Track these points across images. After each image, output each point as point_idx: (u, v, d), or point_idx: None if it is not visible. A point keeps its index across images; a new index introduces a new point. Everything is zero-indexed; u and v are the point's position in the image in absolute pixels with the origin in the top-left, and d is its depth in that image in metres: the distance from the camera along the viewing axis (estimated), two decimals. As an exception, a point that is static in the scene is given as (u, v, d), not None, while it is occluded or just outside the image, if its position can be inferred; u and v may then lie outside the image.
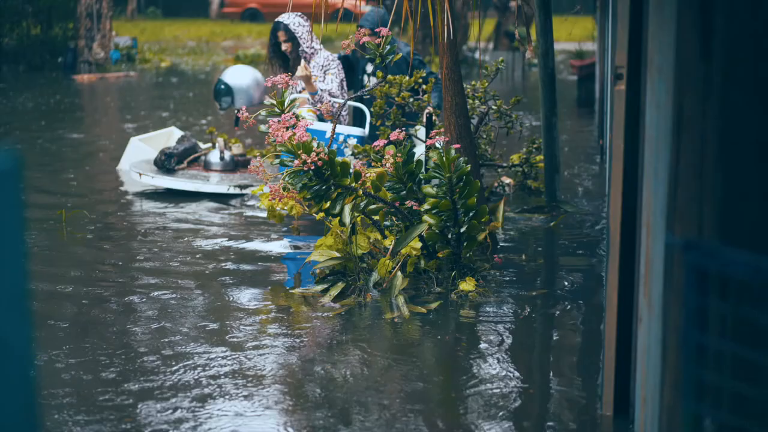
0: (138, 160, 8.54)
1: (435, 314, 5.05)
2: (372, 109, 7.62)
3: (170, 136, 9.27)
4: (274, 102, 5.51)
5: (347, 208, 5.21)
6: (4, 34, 18.76)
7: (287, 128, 5.17)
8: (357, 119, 8.26)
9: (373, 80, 8.17)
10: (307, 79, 7.49)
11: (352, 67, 8.22)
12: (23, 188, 1.56)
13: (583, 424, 3.83)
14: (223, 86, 8.29)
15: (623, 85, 3.63)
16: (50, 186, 8.44)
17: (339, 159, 5.24)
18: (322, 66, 7.76)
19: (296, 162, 5.07)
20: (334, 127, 6.11)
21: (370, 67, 8.22)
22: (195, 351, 4.62)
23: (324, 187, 5.16)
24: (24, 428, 1.58)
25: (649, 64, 3.23)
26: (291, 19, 7.74)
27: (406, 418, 3.83)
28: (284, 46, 7.80)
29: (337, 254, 5.38)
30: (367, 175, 5.37)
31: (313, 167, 5.08)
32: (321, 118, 7.62)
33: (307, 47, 7.75)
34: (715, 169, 2.80)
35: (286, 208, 5.65)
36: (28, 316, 1.59)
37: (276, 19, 7.88)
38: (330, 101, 7.55)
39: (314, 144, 5.14)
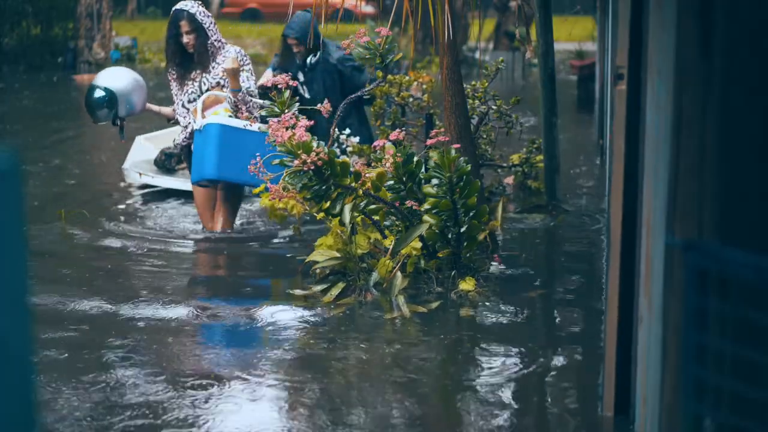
0: (140, 159, 8.53)
1: (435, 314, 5.05)
2: (372, 109, 7.62)
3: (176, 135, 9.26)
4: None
5: (347, 208, 5.21)
6: (4, 34, 18.76)
7: (287, 128, 5.16)
8: (354, 123, 7.65)
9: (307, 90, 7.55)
10: (235, 73, 6.49)
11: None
12: (23, 188, 1.56)
13: (584, 424, 3.83)
14: (101, 93, 6.63)
15: (624, 85, 3.63)
16: (50, 186, 8.44)
17: (338, 159, 5.24)
18: (234, 59, 6.63)
19: (296, 162, 5.07)
20: (334, 128, 6.11)
21: (302, 76, 7.57)
22: (193, 350, 4.62)
23: (324, 187, 5.16)
24: (24, 428, 1.58)
25: (650, 64, 3.23)
26: (196, 8, 6.64)
27: (407, 418, 3.83)
28: (186, 38, 6.61)
29: (337, 254, 5.38)
30: (367, 175, 5.37)
31: (312, 167, 5.08)
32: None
33: (217, 39, 6.67)
34: (715, 169, 2.80)
35: (287, 207, 5.64)
36: (28, 316, 1.59)
37: (176, 7, 6.70)
38: (251, 102, 6.58)
39: (314, 144, 5.14)
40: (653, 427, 3.19)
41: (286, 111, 5.54)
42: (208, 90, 6.63)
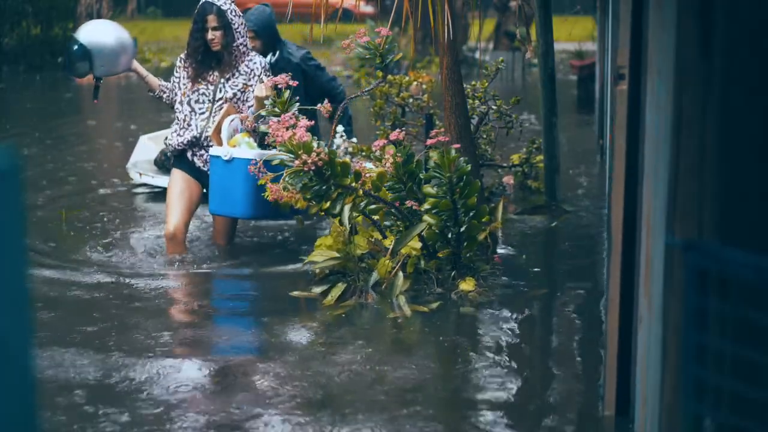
0: (143, 159, 8.52)
1: (436, 314, 5.05)
2: (372, 109, 7.61)
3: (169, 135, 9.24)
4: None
5: (347, 208, 5.21)
6: (4, 34, 18.76)
7: (287, 128, 5.16)
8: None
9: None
10: (264, 100, 5.86)
11: None
12: (23, 188, 1.56)
13: (585, 424, 3.83)
14: (77, 47, 6.10)
15: (625, 85, 3.63)
16: (50, 186, 8.44)
17: (339, 159, 5.24)
18: (259, 75, 6.15)
19: (296, 162, 5.07)
20: (334, 127, 6.11)
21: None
22: (194, 351, 4.62)
23: (324, 187, 5.16)
24: (24, 429, 1.58)
25: (650, 64, 3.23)
26: (228, 5, 6.11)
27: (408, 418, 3.83)
28: (211, 35, 6.05)
29: (337, 254, 5.38)
30: (368, 175, 5.37)
31: (313, 168, 5.08)
32: (261, 143, 6.09)
33: (243, 44, 6.13)
34: (715, 169, 2.80)
35: (291, 201, 5.57)
36: (28, 316, 1.59)
37: (205, 0, 6.12)
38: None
39: (314, 144, 5.13)
40: (653, 427, 3.18)
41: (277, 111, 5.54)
42: (222, 99, 6.09)
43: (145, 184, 8.25)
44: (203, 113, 6.15)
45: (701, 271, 2.37)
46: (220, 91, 6.11)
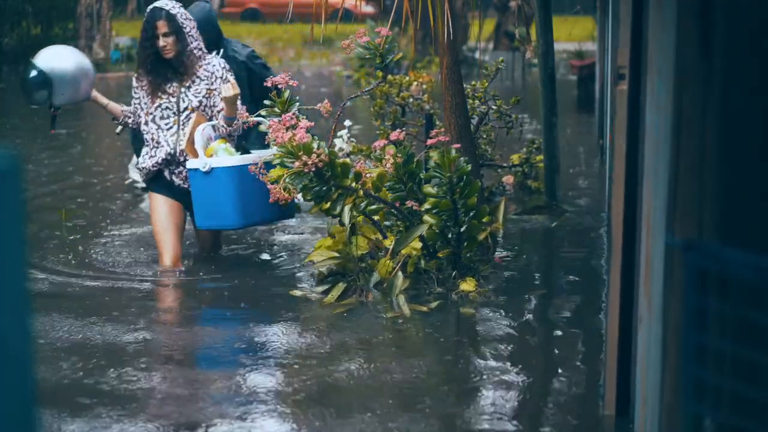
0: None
1: (436, 314, 5.05)
2: (372, 109, 7.61)
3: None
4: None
5: (347, 209, 5.21)
6: (4, 34, 18.76)
7: (287, 129, 5.15)
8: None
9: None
10: (234, 100, 5.65)
11: None
12: (23, 188, 1.56)
13: (585, 424, 3.83)
14: (35, 73, 5.78)
15: (625, 85, 3.63)
16: (50, 186, 8.44)
17: (339, 161, 5.23)
18: (221, 77, 5.82)
19: (297, 164, 5.04)
20: (335, 126, 6.11)
21: None
22: (194, 352, 4.62)
23: (324, 188, 5.15)
24: (24, 428, 1.58)
25: (650, 64, 3.23)
26: (177, 9, 5.79)
27: (408, 418, 3.83)
28: (163, 41, 5.69)
29: (337, 254, 5.38)
30: (368, 176, 5.37)
31: (314, 169, 5.06)
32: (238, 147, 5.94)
33: (197, 47, 5.80)
34: (715, 169, 2.80)
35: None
36: (28, 316, 1.59)
37: (153, 5, 5.84)
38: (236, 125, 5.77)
39: (314, 145, 5.13)
40: (653, 427, 3.19)
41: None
42: (187, 108, 5.75)
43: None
44: (171, 128, 5.78)
45: (701, 271, 2.37)
46: (184, 101, 5.75)
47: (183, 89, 5.75)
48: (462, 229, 5.30)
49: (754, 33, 2.80)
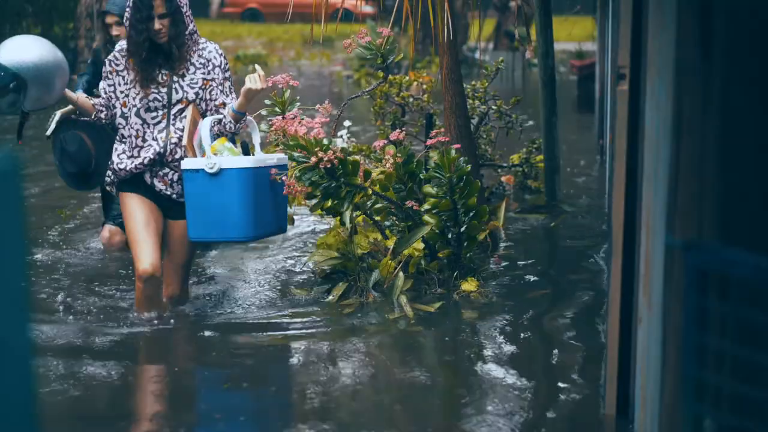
0: None
1: (437, 314, 5.05)
2: (372, 109, 7.61)
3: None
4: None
5: (350, 208, 5.19)
6: (4, 34, 18.76)
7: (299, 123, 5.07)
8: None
9: None
10: (257, 94, 4.88)
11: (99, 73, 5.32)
12: (23, 189, 1.56)
13: (586, 424, 3.83)
14: (2, 74, 4.69)
15: (626, 86, 3.63)
16: (50, 186, 8.44)
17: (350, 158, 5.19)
18: (221, 66, 4.97)
19: (312, 159, 4.98)
20: (335, 125, 6.10)
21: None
22: (195, 352, 4.62)
23: (334, 185, 5.11)
24: (24, 428, 1.58)
25: (650, 64, 3.23)
26: None
27: (409, 418, 3.83)
28: (158, 24, 4.77)
29: (337, 254, 5.38)
30: (379, 175, 5.35)
31: (329, 165, 5.01)
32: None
33: (194, 31, 4.94)
34: (715, 169, 2.80)
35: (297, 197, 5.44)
36: (28, 316, 1.59)
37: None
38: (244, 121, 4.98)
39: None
40: (653, 427, 3.19)
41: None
42: (181, 101, 4.87)
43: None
44: (159, 122, 4.90)
45: (701, 272, 2.37)
46: (177, 92, 4.86)
47: (176, 79, 4.88)
48: (462, 230, 5.29)
49: (754, 33, 2.80)
